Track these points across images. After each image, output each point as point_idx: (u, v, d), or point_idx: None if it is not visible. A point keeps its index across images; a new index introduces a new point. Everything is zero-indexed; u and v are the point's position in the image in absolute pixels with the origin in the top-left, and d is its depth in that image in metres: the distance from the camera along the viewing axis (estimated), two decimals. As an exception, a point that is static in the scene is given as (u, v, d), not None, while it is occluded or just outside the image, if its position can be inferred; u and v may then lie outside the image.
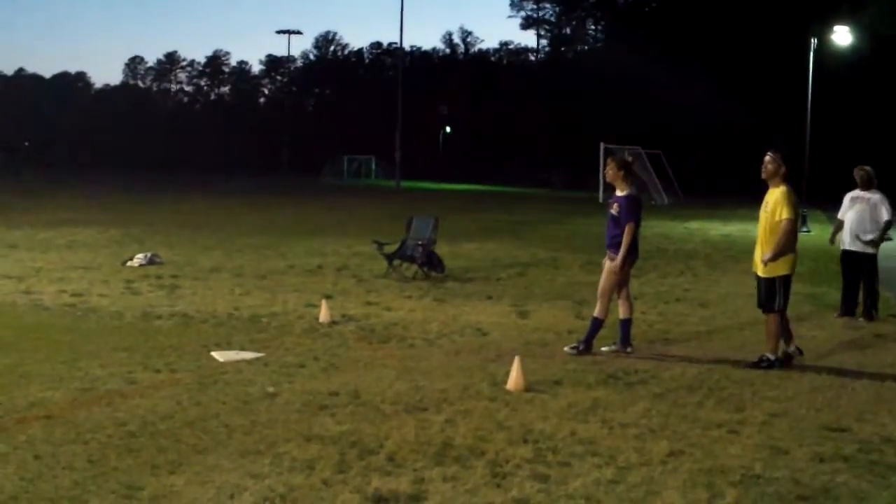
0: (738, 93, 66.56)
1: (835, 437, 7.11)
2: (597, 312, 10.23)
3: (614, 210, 10.19)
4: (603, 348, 10.15)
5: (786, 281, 9.74)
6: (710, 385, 8.77)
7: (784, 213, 9.56)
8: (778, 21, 64.45)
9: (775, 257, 9.60)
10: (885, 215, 13.09)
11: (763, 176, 9.87)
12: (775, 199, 9.70)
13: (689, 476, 6.17)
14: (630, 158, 10.69)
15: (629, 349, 10.15)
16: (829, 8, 49.77)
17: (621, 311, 10.30)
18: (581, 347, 10.09)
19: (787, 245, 9.61)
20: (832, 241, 13.80)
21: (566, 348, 10.18)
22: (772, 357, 9.65)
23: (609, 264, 10.17)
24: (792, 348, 9.94)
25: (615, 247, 10.08)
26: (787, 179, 9.82)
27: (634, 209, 10.17)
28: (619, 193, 10.29)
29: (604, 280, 10.24)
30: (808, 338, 11.39)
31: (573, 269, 18.21)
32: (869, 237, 13.11)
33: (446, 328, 11.49)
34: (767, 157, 9.82)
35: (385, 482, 5.92)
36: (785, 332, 9.92)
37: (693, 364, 9.69)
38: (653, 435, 7.08)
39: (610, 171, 10.36)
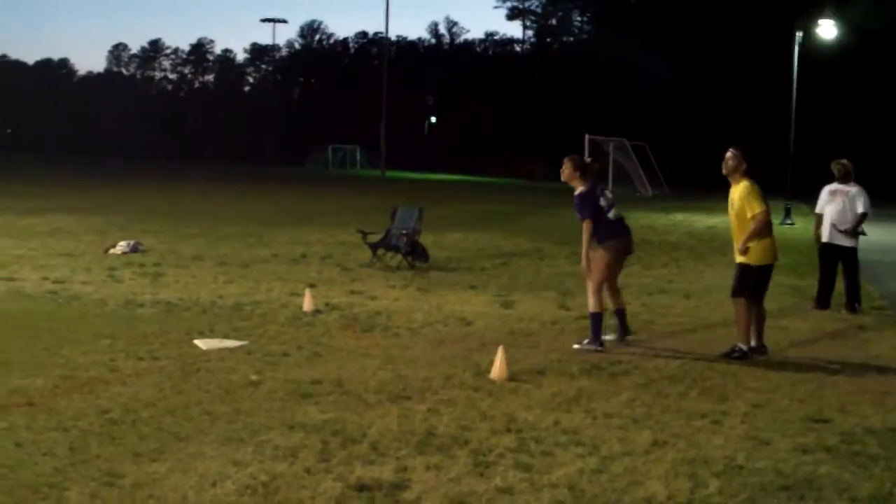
0: (723, 86, 66.63)
1: (817, 429, 7.13)
2: (613, 306, 10.20)
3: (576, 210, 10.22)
4: (575, 346, 10.00)
5: (760, 271, 9.74)
6: (694, 376, 8.78)
7: (756, 207, 9.55)
8: (763, 14, 64.50)
9: (748, 247, 9.62)
10: (860, 207, 13.10)
11: (724, 172, 9.86)
12: (740, 196, 9.68)
13: (671, 466, 6.17)
14: (589, 160, 10.64)
15: (600, 347, 9.87)
16: (814, 2, 49.86)
17: (593, 304, 9.99)
18: (623, 337, 10.14)
19: (761, 234, 9.62)
20: (818, 238, 13.70)
21: (624, 339, 10.12)
22: (744, 347, 9.66)
23: (593, 254, 10.09)
24: (755, 344, 9.88)
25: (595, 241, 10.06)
26: (749, 175, 9.75)
27: (587, 204, 10.01)
28: (575, 192, 10.21)
29: (589, 277, 10.13)
30: (791, 329, 11.45)
31: (558, 260, 18.21)
32: (843, 227, 13.11)
33: (430, 318, 11.47)
34: (729, 153, 9.79)
35: (368, 470, 5.90)
36: (759, 326, 9.93)
37: (677, 355, 9.70)
38: (636, 425, 7.08)
39: (565, 171, 10.24)
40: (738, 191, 9.72)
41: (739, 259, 9.77)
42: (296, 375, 8.29)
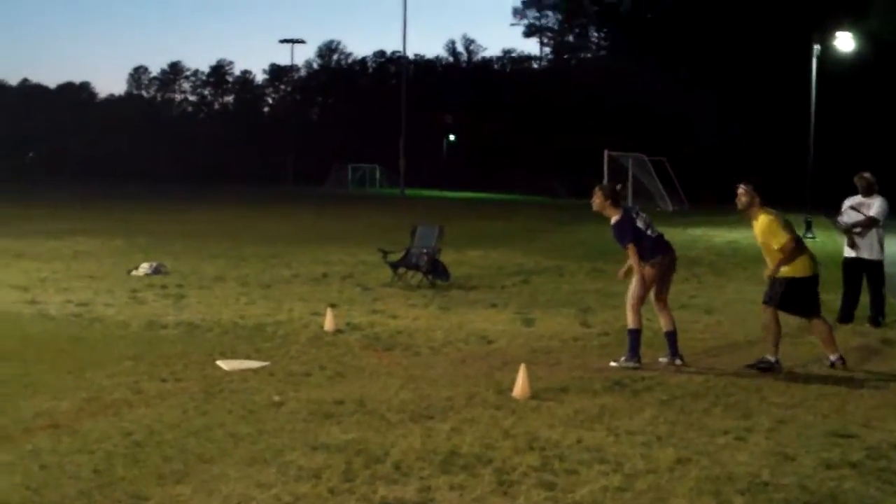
0: (741, 99, 66.52)
1: (842, 444, 7.09)
2: (663, 325, 10.12)
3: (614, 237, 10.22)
4: (612, 363, 9.95)
5: (793, 283, 9.76)
6: (717, 392, 8.75)
7: (781, 239, 9.66)
8: (781, 27, 64.41)
9: (778, 269, 9.70)
10: (873, 211, 12.96)
11: (739, 207, 10.01)
12: (762, 232, 9.82)
13: (695, 483, 6.15)
14: (619, 186, 10.63)
15: (636, 363, 9.88)
16: (831, 14, 49.73)
17: (632, 321, 9.97)
18: (673, 360, 9.98)
19: (791, 259, 9.67)
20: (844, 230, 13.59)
21: (674, 362, 9.96)
22: (771, 359, 9.69)
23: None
24: (834, 357, 9.96)
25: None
26: (765, 205, 9.87)
27: (626, 231, 9.97)
28: (610, 220, 10.18)
29: (636, 290, 10.01)
30: (814, 344, 11.36)
31: (578, 277, 18.16)
32: (847, 222, 13.03)
33: (451, 336, 11.48)
34: (740, 189, 9.92)
35: (391, 490, 5.91)
36: (828, 340, 10.01)
37: (699, 371, 9.68)
38: (659, 442, 7.06)
39: (597, 201, 10.15)
40: (760, 227, 9.85)
41: (783, 275, 9.81)
42: (318, 395, 8.31)
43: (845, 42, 36.90)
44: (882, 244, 13.20)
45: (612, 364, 9.85)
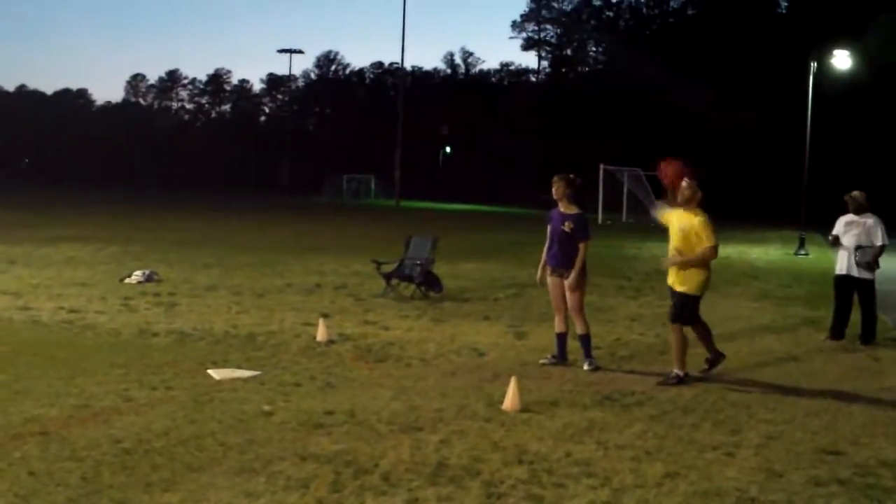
0: (739, 116, 66.67)
1: (830, 461, 7.11)
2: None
3: (567, 227, 10.30)
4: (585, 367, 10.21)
5: (695, 301, 10.02)
6: (707, 407, 8.77)
7: (711, 240, 9.78)
8: (779, 44, 64.69)
9: (685, 266, 9.90)
10: (879, 240, 13.05)
11: (679, 200, 10.07)
12: (695, 225, 9.84)
13: (684, 498, 6.16)
14: (578, 180, 10.77)
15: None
16: (829, 33, 49.92)
17: (584, 327, 10.56)
18: (558, 360, 10.50)
19: (703, 264, 9.89)
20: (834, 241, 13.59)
21: (586, 367, 10.33)
22: (680, 373, 9.89)
23: (566, 283, 10.29)
24: (680, 372, 10.07)
25: (570, 265, 10.29)
26: (702, 205, 10.03)
27: (587, 227, 10.51)
28: (566, 211, 10.47)
29: (571, 299, 10.39)
30: (804, 361, 11.43)
31: (571, 290, 18.15)
32: (864, 260, 13.03)
33: (443, 348, 11.49)
34: (684, 183, 10.03)
35: (379, 502, 5.91)
36: (707, 340, 10.32)
37: (689, 386, 9.69)
38: (648, 457, 7.07)
39: (559, 190, 10.48)
40: (692, 219, 9.88)
41: (680, 289, 10.02)
42: (308, 406, 8.31)
43: (842, 61, 36.99)
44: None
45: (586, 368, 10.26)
